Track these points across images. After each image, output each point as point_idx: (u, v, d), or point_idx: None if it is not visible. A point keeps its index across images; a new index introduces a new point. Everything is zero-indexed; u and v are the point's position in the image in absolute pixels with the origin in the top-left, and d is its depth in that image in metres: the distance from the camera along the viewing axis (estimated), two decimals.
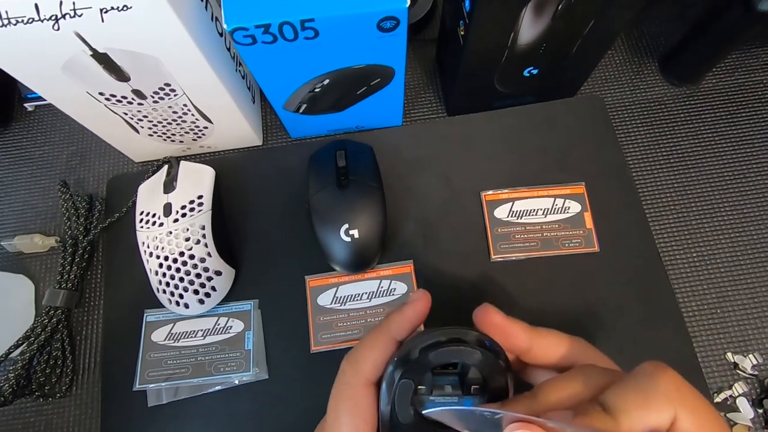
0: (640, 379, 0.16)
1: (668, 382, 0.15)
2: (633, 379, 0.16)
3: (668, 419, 0.15)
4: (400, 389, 0.18)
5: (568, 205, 0.38)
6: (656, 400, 0.15)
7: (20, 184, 0.41)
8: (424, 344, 0.18)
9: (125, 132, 0.37)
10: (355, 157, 0.36)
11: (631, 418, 0.15)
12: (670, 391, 0.15)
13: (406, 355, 0.19)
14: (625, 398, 0.15)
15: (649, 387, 0.15)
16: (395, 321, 0.20)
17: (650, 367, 0.16)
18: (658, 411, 0.15)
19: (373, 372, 0.19)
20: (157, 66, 0.29)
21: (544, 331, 0.20)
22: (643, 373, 0.16)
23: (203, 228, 0.34)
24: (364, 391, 0.19)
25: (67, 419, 0.35)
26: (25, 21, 0.24)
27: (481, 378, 0.19)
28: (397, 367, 0.19)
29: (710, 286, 0.37)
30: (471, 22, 0.30)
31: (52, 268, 0.39)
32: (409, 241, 0.37)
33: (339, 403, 0.19)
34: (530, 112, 0.41)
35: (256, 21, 0.25)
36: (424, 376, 0.19)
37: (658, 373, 0.16)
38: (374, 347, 0.20)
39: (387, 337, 0.20)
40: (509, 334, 0.20)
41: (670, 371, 0.16)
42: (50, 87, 0.30)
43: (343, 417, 0.19)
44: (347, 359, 0.20)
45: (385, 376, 0.19)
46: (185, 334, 0.35)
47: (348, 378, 0.19)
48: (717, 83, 0.42)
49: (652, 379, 0.15)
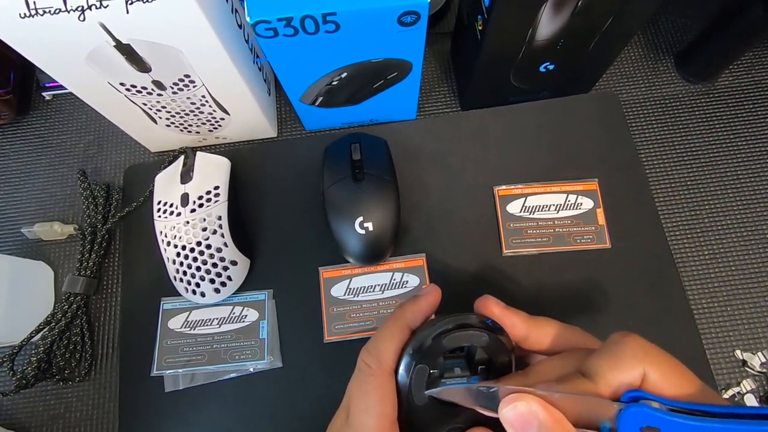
0: (610, 346, 0.18)
1: (634, 345, 0.17)
2: (605, 347, 0.18)
3: (638, 376, 0.17)
4: (416, 375, 0.20)
5: (580, 201, 0.38)
6: (625, 361, 0.17)
7: (39, 173, 0.42)
8: (435, 332, 0.20)
9: (143, 122, 0.37)
10: (369, 150, 0.36)
11: (606, 378, 0.17)
12: (637, 352, 0.17)
13: (420, 344, 0.20)
14: (599, 363, 0.17)
15: (618, 351, 0.17)
16: (410, 310, 0.22)
17: (617, 336, 0.18)
18: (629, 370, 0.17)
19: (393, 360, 0.21)
20: (178, 57, 0.29)
21: (541, 320, 0.22)
22: (612, 341, 0.18)
23: (220, 218, 0.35)
24: (388, 379, 0.20)
25: (86, 402, 0.36)
26: (52, 11, 0.25)
27: (487, 358, 0.21)
28: (413, 355, 0.20)
29: (721, 284, 0.37)
30: (490, 17, 0.30)
31: (70, 256, 0.40)
32: (422, 234, 0.38)
33: (366, 394, 0.20)
34: (545, 107, 0.41)
35: (279, 14, 0.26)
36: (437, 361, 0.21)
37: (624, 339, 0.18)
38: (393, 337, 0.21)
39: (403, 325, 0.22)
40: (507, 323, 0.21)
41: (635, 336, 0.18)
42: (72, 77, 0.31)
43: (372, 407, 0.20)
44: (368, 351, 0.21)
45: (402, 363, 0.21)
46: (201, 322, 0.36)
47: (373, 369, 0.21)
48: (733, 81, 0.42)
49: (620, 344, 0.18)
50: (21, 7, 0.24)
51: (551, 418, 0.16)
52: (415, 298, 0.23)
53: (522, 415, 0.16)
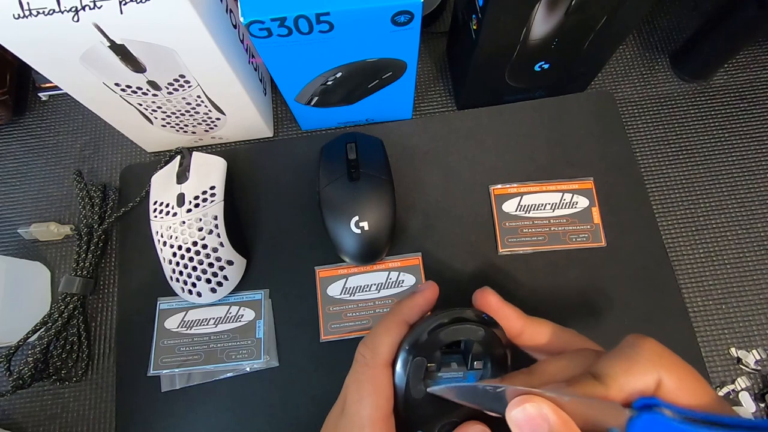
0: (625, 349, 0.17)
1: (650, 349, 0.17)
2: (619, 349, 0.17)
3: (653, 382, 0.16)
4: (414, 368, 0.20)
5: (576, 200, 0.38)
6: (640, 365, 0.16)
7: (35, 173, 0.42)
8: (431, 326, 0.21)
9: (139, 122, 0.37)
10: (365, 149, 0.36)
11: (619, 382, 0.16)
12: (653, 357, 0.16)
13: (417, 337, 0.21)
14: (613, 366, 0.17)
15: (633, 354, 0.17)
16: (407, 306, 0.23)
17: (633, 338, 0.17)
18: (643, 374, 0.16)
19: (389, 354, 0.21)
20: (173, 57, 0.29)
21: (537, 319, 0.22)
22: (627, 343, 0.17)
23: (216, 218, 0.35)
24: (383, 371, 0.21)
25: (83, 403, 0.36)
26: (46, 12, 0.25)
27: (483, 352, 0.21)
28: (410, 349, 0.21)
29: (716, 282, 0.37)
30: (484, 16, 0.30)
31: (67, 256, 0.40)
32: (418, 233, 0.38)
33: (361, 384, 0.20)
34: (540, 106, 0.41)
35: (272, 14, 0.26)
36: (434, 355, 0.21)
37: (640, 342, 0.17)
38: (390, 331, 0.22)
39: (400, 320, 0.22)
40: (503, 316, 0.22)
41: (651, 340, 0.17)
42: (67, 77, 0.31)
43: (366, 397, 0.20)
44: (365, 344, 0.22)
45: (399, 356, 0.21)
46: (198, 322, 0.36)
47: (368, 360, 0.21)
48: (728, 80, 0.42)
49: (635, 347, 0.17)
50: (15, 8, 0.24)
51: (561, 421, 0.15)
52: (412, 294, 0.23)
53: (531, 418, 0.16)
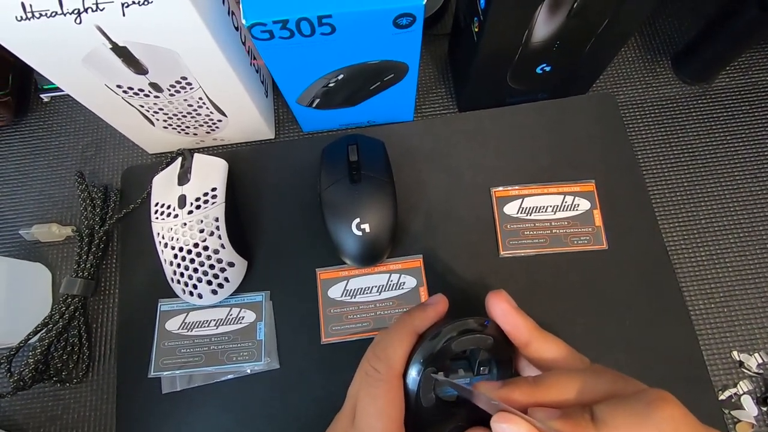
0: (640, 401, 0.15)
1: (666, 417, 0.14)
2: (633, 399, 0.15)
3: None
4: (425, 378, 0.21)
5: (577, 203, 0.38)
6: (647, 429, 0.14)
7: (37, 174, 0.42)
8: (445, 338, 0.22)
9: (141, 124, 0.37)
10: (366, 151, 0.36)
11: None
12: (666, 426, 0.14)
13: (431, 350, 0.22)
14: (616, 416, 0.15)
15: (645, 414, 0.15)
16: (418, 318, 0.23)
17: (654, 394, 0.15)
18: None
19: (402, 366, 0.21)
20: (175, 59, 0.30)
21: (548, 336, 0.21)
22: (645, 398, 0.15)
23: (217, 220, 0.35)
24: (397, 383, 0.21)
25: (83, 404, 0.36)
26: (48, 14, 0.25)
27: (488, 358, 0.22)
28: (424, 361, 0.21)
29: (717, 285, 0.37)
30: (486, 18, 0.30)
31: (68, 257, 0.40)
32: (419, 235, 0.38)
33: (376, 399, 0.21)
34: (542, 108, 0.41)
35: (274, 17, 0.26)
36: (444, 364, 0.22)
37: (659, 404, 0.15)
38: (402, 342, 0.22)
39: (411, 331, 0.22)
40: (511, 323, 0.21)
41: (672, 405, 0.15)
42: (70, 79, 0.31)
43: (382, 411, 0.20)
44: (377, 356, 0.22)
45: (411, 368, 0.21)
46: (198, 323, 0.36)
47: (382, 374, 0.21)
48: (730, 82, 0.42)
49: (651, 407, 0.15)
50: (17, 10, 0.24)
51: None
52: (423, 306, 0.24)
53: None
